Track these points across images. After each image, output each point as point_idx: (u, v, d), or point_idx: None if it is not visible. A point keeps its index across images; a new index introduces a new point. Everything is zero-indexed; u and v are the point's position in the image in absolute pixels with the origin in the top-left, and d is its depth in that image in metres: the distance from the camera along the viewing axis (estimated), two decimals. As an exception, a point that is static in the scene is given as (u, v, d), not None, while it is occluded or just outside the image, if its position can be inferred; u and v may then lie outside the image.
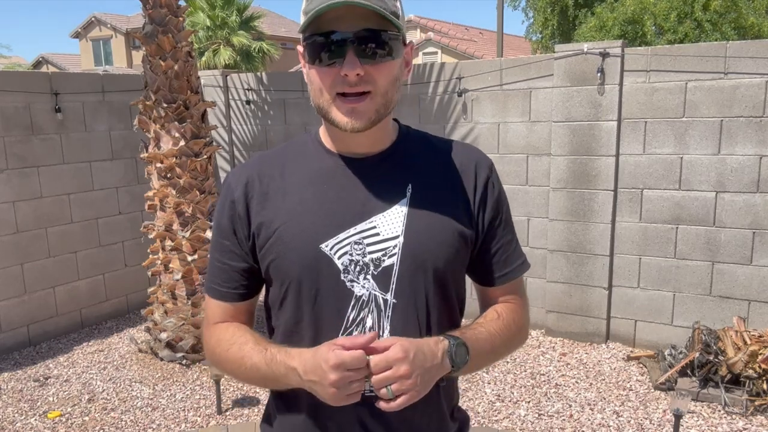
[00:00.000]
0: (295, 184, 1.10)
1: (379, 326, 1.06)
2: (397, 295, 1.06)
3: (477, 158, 1.16)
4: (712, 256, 3.77)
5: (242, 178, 1.12)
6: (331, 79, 1.00)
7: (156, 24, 3.90)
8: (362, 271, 1.06)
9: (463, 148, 1.17)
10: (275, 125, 5.31)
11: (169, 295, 4.10)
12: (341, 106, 1.01)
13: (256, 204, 1.10)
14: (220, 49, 15.46)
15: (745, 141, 3.58)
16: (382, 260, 1.06)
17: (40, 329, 4.52)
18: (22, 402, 3.65)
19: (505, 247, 1.17)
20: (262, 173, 1.12)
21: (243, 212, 1.10)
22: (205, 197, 4.11)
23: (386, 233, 1.06)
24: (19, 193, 4.32)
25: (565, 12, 14.83)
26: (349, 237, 1.06)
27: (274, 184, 1.11)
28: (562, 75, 3.99)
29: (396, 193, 1.08)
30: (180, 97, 3.98)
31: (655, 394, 3.51)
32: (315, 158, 1.12)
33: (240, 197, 1.11)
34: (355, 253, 1.06)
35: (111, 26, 28.07)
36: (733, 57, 3.56)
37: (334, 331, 1.06)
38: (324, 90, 1.02)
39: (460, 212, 1.10)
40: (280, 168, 1.13)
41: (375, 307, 1.06)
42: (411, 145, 1.14)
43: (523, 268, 1.20)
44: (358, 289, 1.06)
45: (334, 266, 1.05)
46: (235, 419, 3.39)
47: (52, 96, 4.46)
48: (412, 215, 1.07)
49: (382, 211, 1.07)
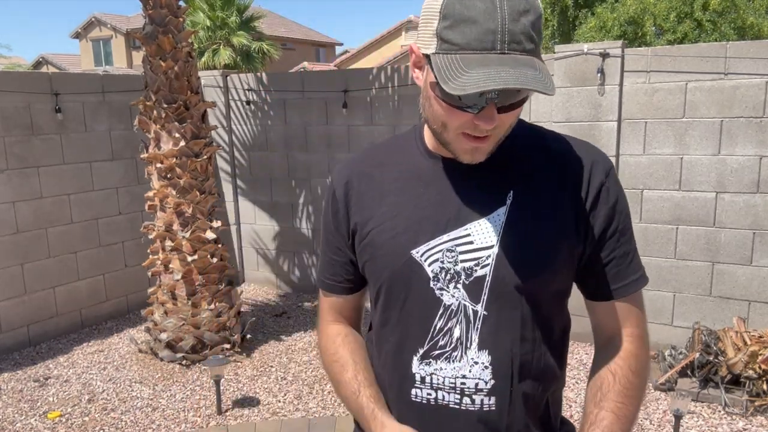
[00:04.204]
0: (391, 184, 1.08)
1: (467, 337, 1.02)
2: (488, 306, 1.01)
3: (593, 160, 1.04)
4: (712, 256, 3.77)
5: (344, 175, 1.13)
6: (461, 122, 0.91)
7: (156, 24, 3.91)
8: (453, 279, 1.02)
9: (580, 149, 1.05)
10: (275, 125, 5.31)
11: (169, 296, 4.10)
12: (464, 142, 0.94)
13: (354, 204, 1.10)
14: (219, 49, 15.46)
15: (745, 141, 3.58)
16: (475, 270, 1.01)
17: (40, 329, 4.52)
18: (22, 402, 3.65)
19: (619, 260, 1.05)
20: (362, 172, 1.12)
21: (343, 210, 1.12)
22: (205, 197, 4.11)
23: (480, 242, 1.00)
24: (19, 194, 4.32)
25: (565, 12, 14.85)
26: (442, 244, 1.02)
27: (373, 183, 1.10)
28: (562, 75, 4.00)
29: (495, 200, 1.01)
30: (180, 98, 3.98)
31: (655, 395, 3.51)
32: (415, 158, 1.08)
33: (341, 196, 1.12)
34: (447, 261, 1.02)
35: (111, 26, 28.09)
36: (733, 57, 3.56)
37: (419, 338, 1.04)
38: (448, 126, 0.94)
39: (565, 223, 1.02)
40: (380, 166, 1.11)
41: (464, 318, 1.02)
42: (519, 147, 1.04)
43: (638, 284, 1.07)
44: (447, 297, 1.02)
45: (424, 273, 1.02)
46: (235, 419, 3.39)
47: (52, 96, 4.46)
48: (510, 225, 1.00)
49: (478, 219, 1.01)
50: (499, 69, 0.81)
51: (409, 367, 1.06)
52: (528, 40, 0.84)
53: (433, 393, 1.04)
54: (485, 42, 0.83)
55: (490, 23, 0.82)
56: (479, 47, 0.83)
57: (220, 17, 15.70)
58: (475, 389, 1.02)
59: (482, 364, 1.02)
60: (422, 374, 1.05)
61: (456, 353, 1.02)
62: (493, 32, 0.82)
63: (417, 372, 1.05)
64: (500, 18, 0.82)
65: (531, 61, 0.84)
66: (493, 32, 0.82)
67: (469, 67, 0.82)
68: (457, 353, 1.02)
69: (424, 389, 1.05)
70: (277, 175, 5.41)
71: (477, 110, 0.88)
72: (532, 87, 0.81)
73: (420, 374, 1.05)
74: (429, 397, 1.05)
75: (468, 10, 0.83)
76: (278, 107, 5.26)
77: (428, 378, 1.04)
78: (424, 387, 1.05)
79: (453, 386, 1.03)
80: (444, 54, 0.86)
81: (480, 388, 1.02)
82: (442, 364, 1.03)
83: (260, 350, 4.30)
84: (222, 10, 15.78)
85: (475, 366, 1.02)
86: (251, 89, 5.31)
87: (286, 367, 4.02)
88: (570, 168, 1.03)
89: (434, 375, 1.04)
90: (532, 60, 0.84)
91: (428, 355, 1.04)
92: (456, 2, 0.84)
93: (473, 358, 1.02)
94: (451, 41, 0.85)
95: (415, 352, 1.05)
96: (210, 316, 4.10)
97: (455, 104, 0.89)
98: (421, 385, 1.05)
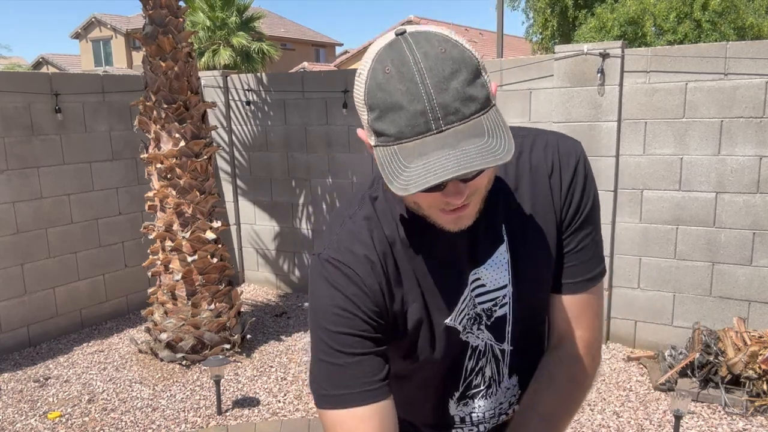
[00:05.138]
0: (405, 262, 0.97)
1: (499, 373, 1.06)
2: (513, 342, 1.04)
3: (553, 160, 0.98)
4: (713, 256, 3.78)
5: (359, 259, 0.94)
6: (430, 201, 0.84)
7: (156, 25, 3.91)
8: (475, 322, 1.01)
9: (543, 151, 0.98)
10: (275, 126, 5.31)
11: (169, 296, 4.10)
12: (443, 217, 0.86)
13: (389, 290, 0.95)
14: (219, 49, 15.47)
15: (745, 141, 3.58)
16: (494, 311, 1.00)
17: (40, 329, 4.52)
18: (22, 402, 3.65)
19: (576, 254, 1.01)
20: (378, 252, 0.95)
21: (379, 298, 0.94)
22: (205, 198, 4.11)
23: (492, 284, 0.99)
24: (20, 194, 4.32)
25: (565, 13, 14.85)
26: (465, 300, 0.99)
27: (390, 264, 0.96)
28: (562, 75, 4.00)
29: (494, 240, 0.98)
30: (180, 98, 3.98)
31: (655, 395, 3.51)
32: (408, 224, 0.96)
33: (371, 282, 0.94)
34: (468, 309, 1.00)
35: (111, 27, 28.09)
36: (733, 57, 3.56)
37: (454, 382, 1.05)
38: (420, 205, 0.86)
39: (553, 238, 0.99)
40: (386, 242, 0.96)
41: (492, 357, 1.04)
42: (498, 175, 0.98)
43: (595, 280, 1.02)
44: (473, 339, 1.01)
45: (457, 332, 1.01)
46: (235, 420, 3.39)
47: (52, 96, 4.46)
48: (515, 260, 0.98)
49: (484, 263, 0.98)
50: (440, 154, 0.73)
51: (446, 410, 1.08)
52: (466, 103, 0.75)
53: (475, 429, 1.10)
54: (417, 126, 0.74)
55: (416, 105, 0.74)
56: (413, 133, 0.75)
57: (219, 17, 15.71)
58: (509, 405, 1.11)
59: (514, 387, 1.09)
60: (461, 415, 1.08)
61: (491, 389, 1.07)
62: (422, 113, 0.74)
63: (455, 414, 1.08)
64: (425, 95, 0.73)
65: (476, 126, 0.75)
66: (422, 113, 0.74)
67: (407, 160, 0.75)
68: (492, 389, 1.07)
69: (465, 428, 1.10)
70: (277, 176, 5.41)
71: (442, 188, 0.80)
72: (479, 166, 0.72)
73: (459, 415, 1.08)
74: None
75: (390, 96, 0.75)
76: (278, 107, 5.26)
77: (467, 417, 1.09)
78: (465, 426, 1.09)
79: (492, 415, 1.10)
80: (383, 146, 0.78)
81: (512, 403, 1.11)
82: (480, 402, 1.07)
83: (260, 350, 4.30)
84: (222, 11, 15.79)
85: (509, 391, 1.09)
86: (251, 89, 5.32)
87: (286, 367, 4.02)
88: (539, 177, 0.98)
89: (473, 413, 1.08)
90: (477, 124, 0.75)
91: (465, 396, 1.07)
92: (377, 90, 0.76)
93: (506, 386, 1.08)
94: (385, 133, 0.77)
95: (450, 396, 1.07)
96: (210, 316, 4.10)
97: None
98: (461, 425, 1.09)
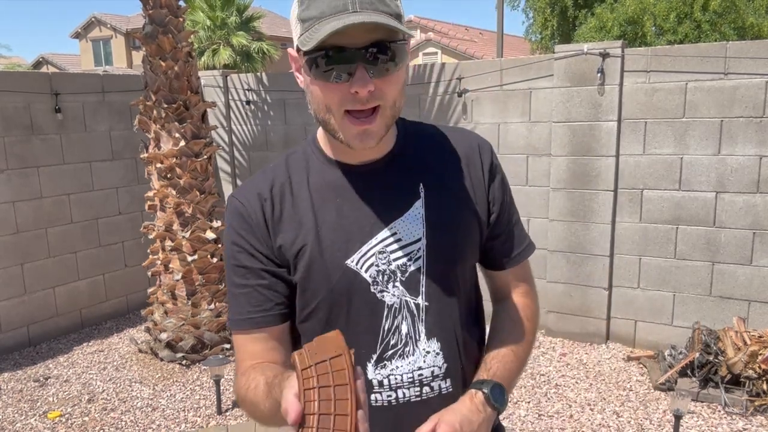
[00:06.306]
0: (307, 201, 1.06)
1: (415, 330, 1.05)
2: (427, 297, 1.05)
3: (478, 143, 1.13)
4: (712, 256, 3.77)
5: (252, 197, 1.06)
6: (339, 97, 0.94)
7: (156, 24, 3.91)
8: (390, 279, 1.04)
9: (461, 135, 1.14)
10: (275, 125, 5.31)
11: (169, 296, 4.10)
12: (351, 127, 0.96)
13: (274, 225, 1.05)
14: (219, 49, 15.47)
15: (745, 141, 3.58)
16: (408, 265, 1.04)
17: (40, 329, 4.52)
18: (22, 402, 3.65)
19: (513, 228, 1.16)
20: (272, 193, 1.06)
21: (263, 233, 1.05)
22: (205, 197, 4.11)
23: (408, 238, 1.04)
24: (19, 194, 4.32)
25: (565, 12, 14.85)
26: (372, 248, 1.04)
27: (286, 204, 1.06)
28: (562, 75, 4.00)
29: (410, 195, 1.06)
30: (180, 98, 3.98)
31: (655, 395, 3.51)
32: (321, 172, 1.07)
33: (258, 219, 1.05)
34: (381, 263, 1.04)
35: (111, 26, 28.07)
36: (733, 57, 3.56)
37: (370, 344, 1.05)
38: (331, 107, 0.96)
39: (474, 202, 1.09)
40: (288, 186, 1.07)
41: (408, 313, 1.05)
42: (412, 141, 1.11)
43: (530, 249, 1.20)
44: (388, 298, 1.04)
45: (363, 280, 1.04)
46: (235, 419, 3.39)
47: (52, 96, 4.46)
48: (430, 215, 1.05)
49: (399, 216, 1.05)
50: (349, 17, 0.87)
51: (364, 374, 1.05)
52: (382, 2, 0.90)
53: (393, 393, 1.06)
54: (337, 7, 0.89)
55: None
56: (332, 11, 0.89)
57: (219, 17, 15.69)
58: (432, 376, 1.06)
59: (434, 352, 1.06)
60: (379, 378, 1.06)
61: (408, 348, 1.05)
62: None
63: (373, 378, 1.06)
64: None
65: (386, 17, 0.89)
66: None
67: (321, 26, 0.89)
68: (408, 348, 1.05)
69: (383, 392, 1.06)
70: (277, 175, 5.40)
71: (348, 78, 0.92)
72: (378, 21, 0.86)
73: (377, 379, 1.06)
74: (389, 399, 1.06)
75: None
76: (278, 107, 5.26)
77: (386, 381, 1.06)
78: (383, 390, 1.06)
79: (411, 380, 1.06)
80: (306, 31, 0.92)
81: (436, 375, 1.07)
82: (397, 363, 1.05)
83: (260, 350, 4.30)
84: (222, 10, 15.77)
85: (428, 355, 1.06)
86: (251, 89, 5.32)
87: (286, 367, 4.02)
88: (461, 152, 1.11)
89: (391, 375, 1.05)
90: (386, 17, 0.89)
91: (382, 358, 1.05)
92: None
93: (425, 348, 1.06)
94: (309, 18, 0.91)
95: (368, 359, 1.05)
96: (210, 316, 4.10)
97: (328, 80, 0.93)
98: (379, 389, 1.06)
